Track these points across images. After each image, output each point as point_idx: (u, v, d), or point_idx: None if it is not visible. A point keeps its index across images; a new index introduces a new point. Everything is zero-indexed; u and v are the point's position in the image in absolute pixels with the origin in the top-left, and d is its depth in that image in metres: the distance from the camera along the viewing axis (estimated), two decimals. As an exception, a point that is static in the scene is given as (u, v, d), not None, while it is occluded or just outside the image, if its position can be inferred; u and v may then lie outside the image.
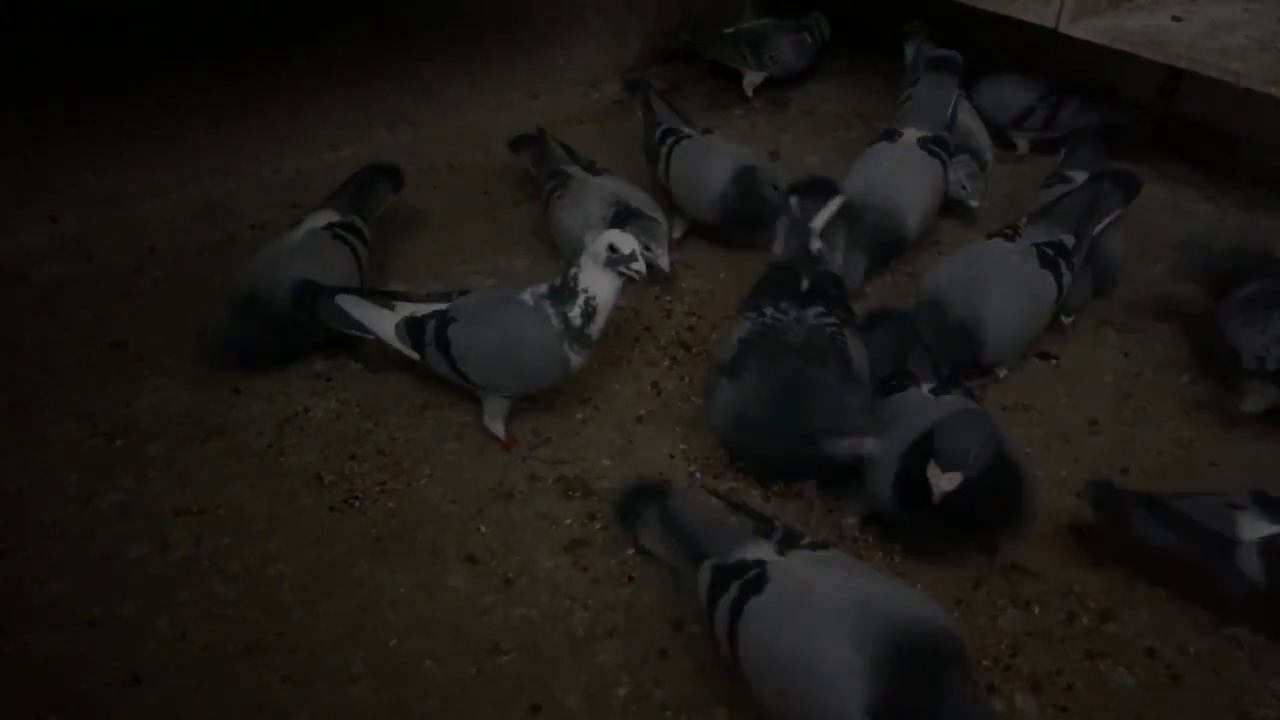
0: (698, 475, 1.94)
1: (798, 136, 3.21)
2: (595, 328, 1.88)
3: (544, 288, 1.90)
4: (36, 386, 2.10)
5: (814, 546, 1.54)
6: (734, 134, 3.16)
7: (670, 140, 2.65)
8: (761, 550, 1.51)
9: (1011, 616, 1.70)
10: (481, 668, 1.59)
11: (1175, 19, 2.73)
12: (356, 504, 1.86)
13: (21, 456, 1.93)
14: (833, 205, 2.18)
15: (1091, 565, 1.79)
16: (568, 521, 1.84)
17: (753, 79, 3.40)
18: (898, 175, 2.47)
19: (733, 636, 1.43)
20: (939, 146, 2.55)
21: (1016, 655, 1.63)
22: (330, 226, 2.22)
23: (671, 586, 1.72)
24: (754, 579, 1.44)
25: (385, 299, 2.03)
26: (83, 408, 2.04)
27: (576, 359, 1.90)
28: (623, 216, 2.31)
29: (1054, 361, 2.26)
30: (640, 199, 2.42)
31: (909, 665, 1.27)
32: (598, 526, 1.83)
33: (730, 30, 3.47)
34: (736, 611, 1.43)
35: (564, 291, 1.86)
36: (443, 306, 1.96)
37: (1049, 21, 2.69)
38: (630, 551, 1.79)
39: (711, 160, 2.53)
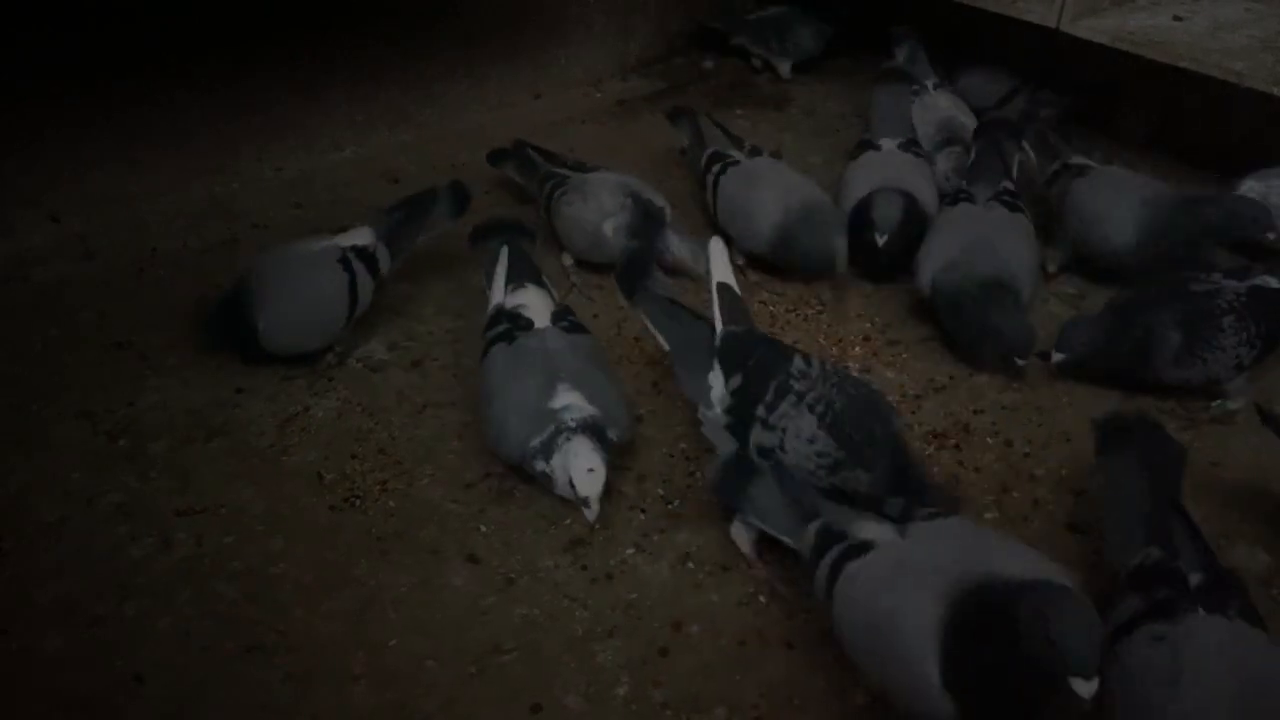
0: (698, 475, 1.94)
1: (799, 136, 3.21)
2: (545, 470, 1.78)
3: (584, 410, 1.79)
4: (38, 386, 2.11)
5: (932, 516, 1.54)
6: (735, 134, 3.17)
7: (716, 167, 2.61)
8: (878, 530, 1.51)
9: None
10: (482, 667, 1.60)
11: (1177, 19, 2.73)
12: (358, 503, 1.87)
13: (23, 456, 1.94)
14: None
15: (1092, 565, 1.79)
16: (568, 521, 1.84)
17: (783, 67, 3.53)
18: (902, 173, 2.53)
19: (830, 594, 1.49)
20: (917, 147, 2.68)
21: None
22: (348, 250, 2.17)
23: (672, 586, 1.73)
24: (859, 545, 1.49)
25: (526, 276, 2.06)
26: (84, 407, 2.05)
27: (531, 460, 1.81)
28: (642, 219, 2.40)
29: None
30: (643, 186, 2.49)
31: (980, 619, 1.29)
32: (597, 526, 1.84)
33: (753, 17, 3.58)
34: (836, 570, 1.48)
35: (562, 430, 1.76)
36: (536, 322, 1.96)
37: (1050, 21, 2.70)
38: (630, 551, 1.79)
39: (760, 194, 2.49)
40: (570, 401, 1.79)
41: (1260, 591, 1.75)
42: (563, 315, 2.00)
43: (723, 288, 1.89)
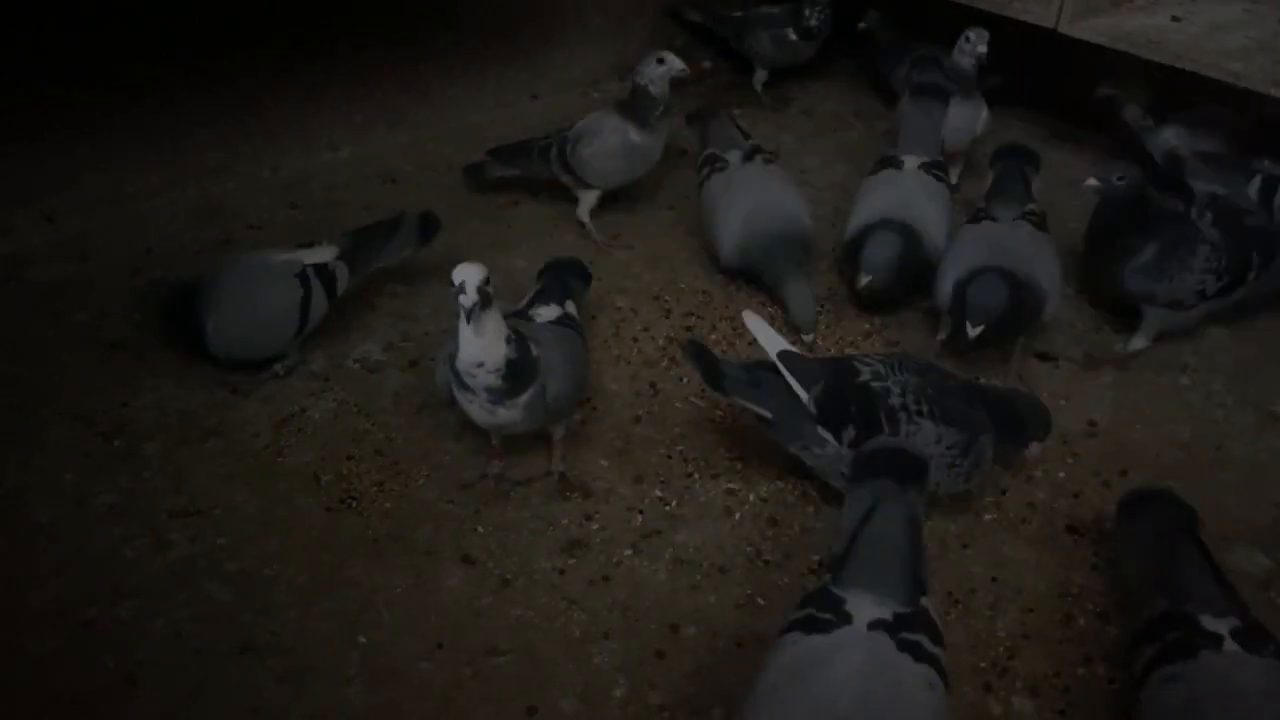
0: (696, 477, 1.94)
1: (798, 136, 3.20)
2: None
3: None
4: (33, 386, 2.10)
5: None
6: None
7: (705, 170, 2.57)
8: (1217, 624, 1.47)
9: (1010, 619, 1.69)
10: (477, 669, 1.59)
11: (1175, 19, 2.73)
12: (354, 504, 1.86)
13: (18, 456, 1.93)
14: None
15: (1090, 567, 1.79)
16: (565, 522, 1.84)
17: (759, 75, 3.40)
18: (915, 200, 2.39)
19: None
20: (940, 171, 2.51)
21: (1014, 658, 1.63)
22: (303, 267, 2.12)
23: (669, 588, 1.72)
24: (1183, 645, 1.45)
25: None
26: (80, 407, 2.04)
27: None
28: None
29: (1054, 362, 2.26)
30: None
31: None
32: (595, 527, 1.83)
33: (737, 14, 3.46)
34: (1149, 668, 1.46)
35: None
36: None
37: (1049, 22, 2.70)
38: (628, 552, 1.78)
39: (726, 209, 2.44)
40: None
41: (1259, 595, 1.75)
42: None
43: (784, 355, 1.87)
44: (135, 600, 1.67)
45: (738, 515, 1.86)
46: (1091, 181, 2.24)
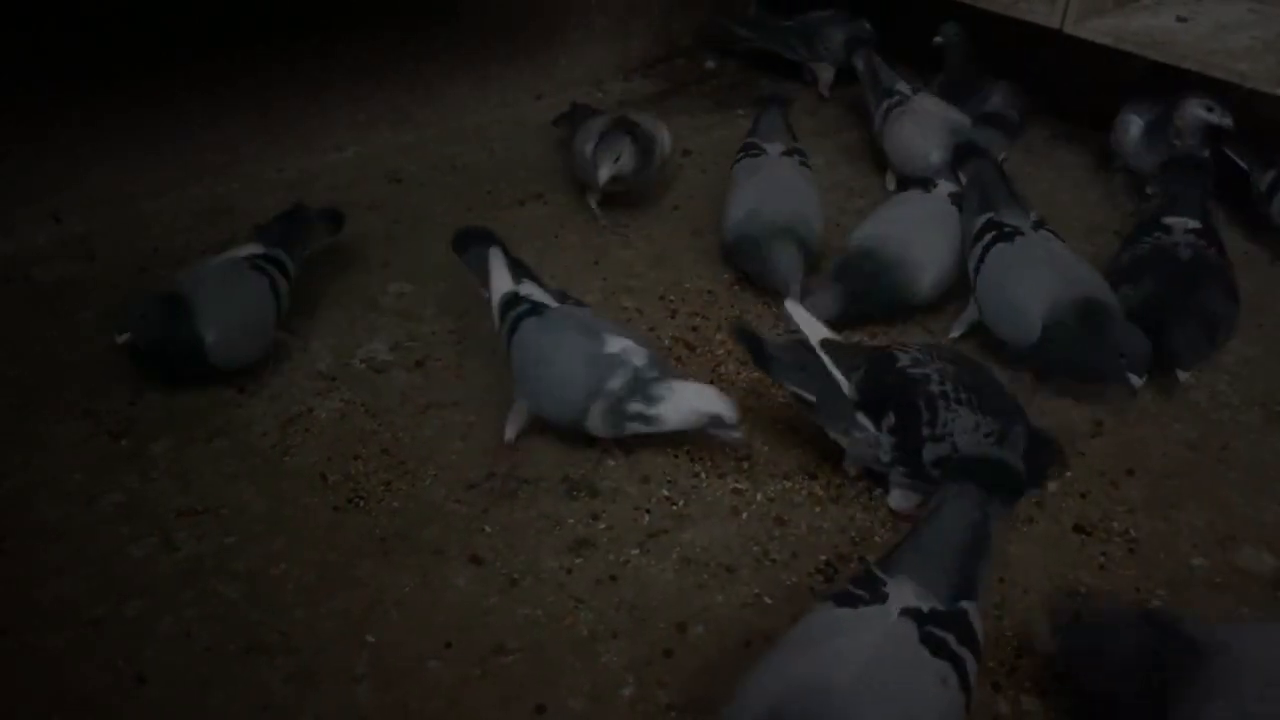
0: (703, 476, 1.94)
1: (801, 136, 3.18)
2: (631, 424, 1.85)
3: (641, 354, 1.86)
4: (39, 385, 2.10)
5: None
6: (737, 135, 3.16)
7: (740, 155, 2.62)
8: None
9: (1017, 618, 1.69)
10: (485, 668, 1.59)
11: (1180, 19, 2.74)
12: (361, 504, 1.86)
13: (24, 456, 1.93)
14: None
15: (1098, 567, 1.79)
16: (571, 521, 1.84)
17: (825, 77, 3.42)
18: (919, 228, 2.34)
19: None
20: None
21: (1022, 656, 1.63)
22: (251, 258, 2.15)
23: (676, 587, 1.72)
24: None
25: (520, 272, 2.06)
26: (86, 407, 2.04)
27: (596, 422, 1.87)
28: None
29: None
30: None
31: None
32: (602, 526, 1.83)
33: (788, 23, 3.49)
34: None
35: (649, 379, 1.83)
36: (548, 304, 1.98)
37: (1054, 22, 2.70)
38: (635, 552, 1.78)
39: (734, 197, 2.48)
40: (624, 346, 1.86)
41: (1267, 595, 1.75)
42: (565, 298, 2.04)
43: (826, 344, 1.89)
44: (143, 599, 1.67)
45: (744, 515, 1.86)
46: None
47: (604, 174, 2.49)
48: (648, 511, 1.86)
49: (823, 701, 1.26)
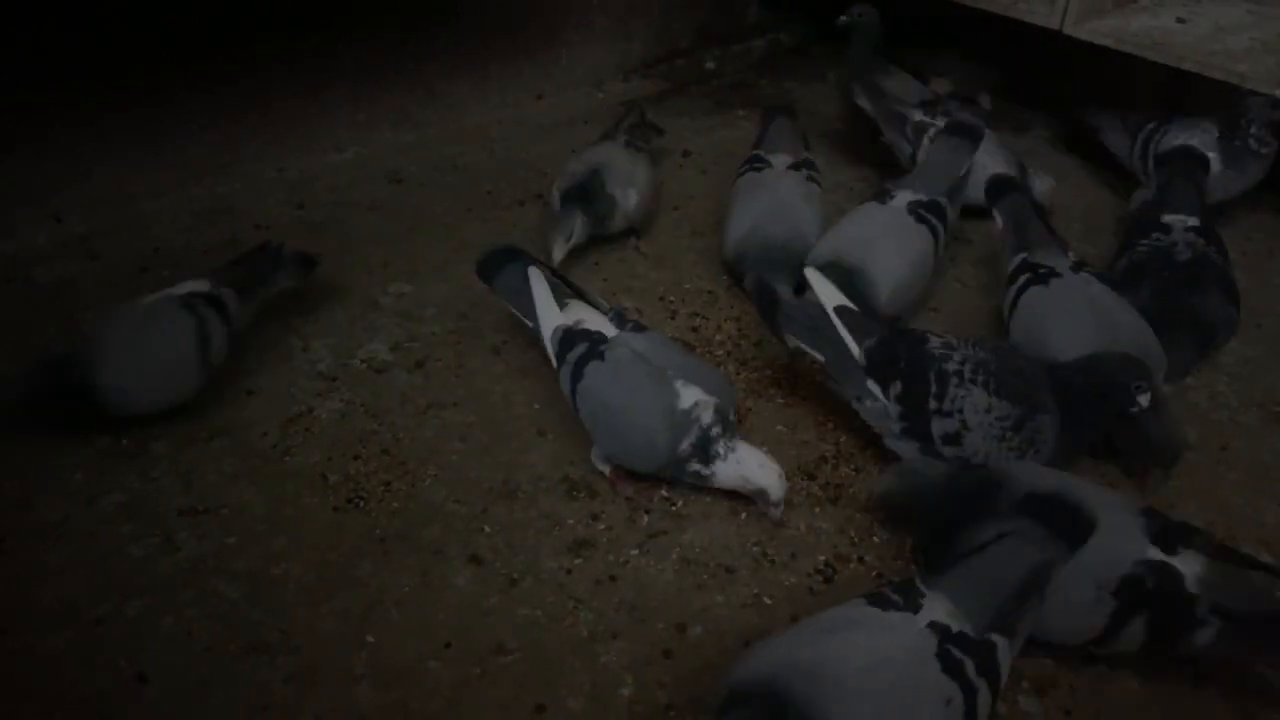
0: (701, 476, 1.94)
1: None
2: (703, 470, 1.81)
3: (709, 408, 1.80)
4: (41, 386, 2.10)
5: None
6: (738, 135, 3.18)
7: (744, 168, 2.58)
8: None
9: (1015, 618, 1.69)
10: (485, 668, 1.59)
11: (1179, 20, 2.74)
12: (361, 504, 1.86)
13: (25, 455, 1.93)
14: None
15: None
16: (571, 522, 1.84)
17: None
18: (876, 240, 2.24)
19: None
20: (931, 212, 2.30)
21: (1021, 657, 1.63)
22: (188, 296, 2.02)
23: (676, 588, 1.72)
24: None
25: (564, 293, 2.02)
26: (87, 407, 2.04)
27: (665, 471, 1.86)
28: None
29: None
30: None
31: None
32: (601, 527, 1.83)
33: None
34: None
35: (712, 438, 1.80)
36: (605, 333, 1.92)
37: (1054, 23, 2.70)
38: (634, 552, 1.79)
39: (737, 209, 2.46)
40: (696, 398, 1.81)
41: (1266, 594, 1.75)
42: (621, 319, 1.98)
43: (840, 310, 1.93)
44: (144, 599, 1.67)
45: (744, 515, 1.87)
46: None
47: (558, 254, 2.41)
48: (647, 512, 1.87)
49: (819, 683, 1.27)
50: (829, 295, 1.95)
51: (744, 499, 1.88)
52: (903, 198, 2.34)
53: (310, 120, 2.95)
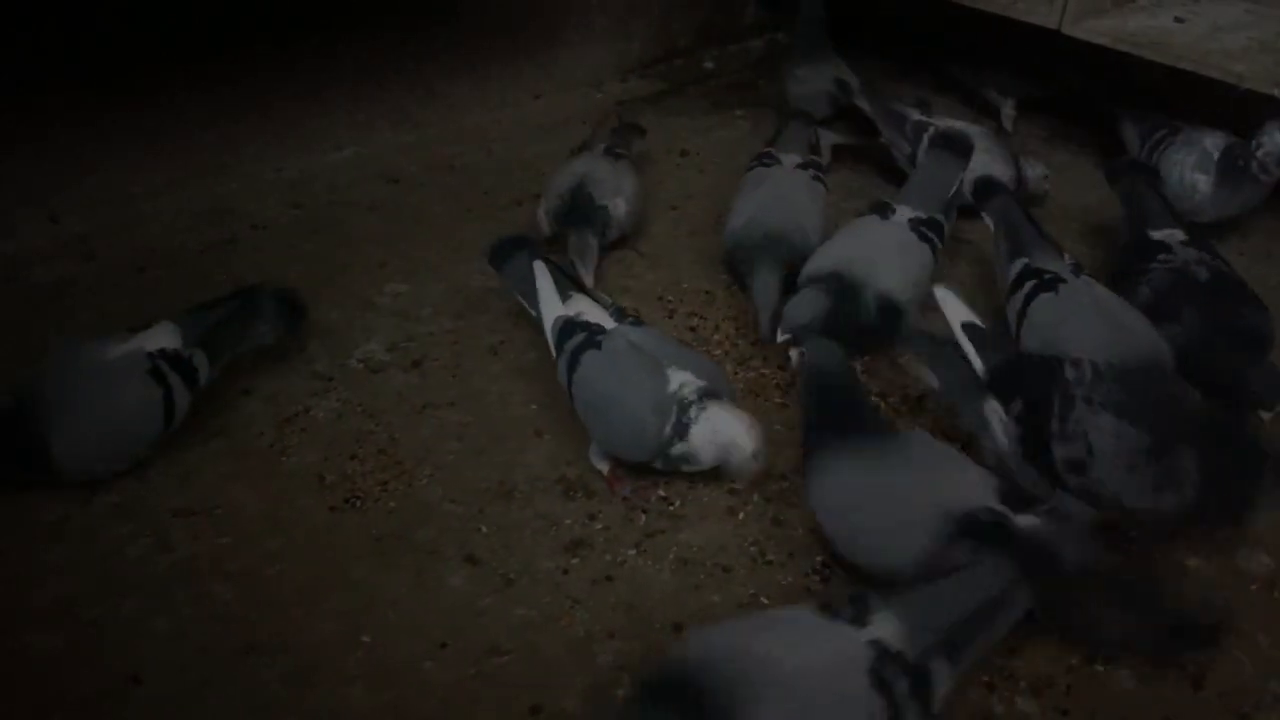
0: (699, 476, 1.93)
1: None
2: (683, 447, 1.80)
3: (692, 386, 1.80)
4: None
5: None
6: (735, 135, 3.18)
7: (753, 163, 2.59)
8: None
9: (1012, 618, 1.69)
10: (481, 668, 1.59)
11: (1177, 20, 2.74)
12: (357, 504, 1.86)
13: (22, 455, 1.93)
14: None
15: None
16: (568, 522, 1.84)
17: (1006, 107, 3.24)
18: (881, 254, 2.20)
19: None
20: (932, 230, 2.28)
21: (1016, 656, 1.63)
22: (156, 355, 1.88)
23: (673, 588, 1.72)
24: None
25: (568, 286, 2.05)
26: (84, 407, 2.04)
27: (658, 463, 1.85)
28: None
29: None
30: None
31: None
32: (598, 527, 1.83)
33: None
34: None
35: (687, 406, 1.79)
36: (604, 325, 1.95)
37: (1052, 23, 2.70)
38: (631, 552, 1.78)
39: (736, 204, 2.46)
40: (683, 379, 1.82)
41: (1263, 595, 1.75)
42: (621, 314, 2.00)
43: (968, 327, 1.91)
44: (139, 599, 1.67)
45: (741, 515, 1.87)
46: None
47: (591, 280, 2.35)
48: (644, 512, 1.86)
49: (745, 679, 1.27)
50: (956, 312, 1.93)
51: (742, 499, 1.88)
52: (903, 213, 2.29)
53: (309, 120, 2.95)
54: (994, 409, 1.81)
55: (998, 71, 3.24)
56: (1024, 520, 1.57)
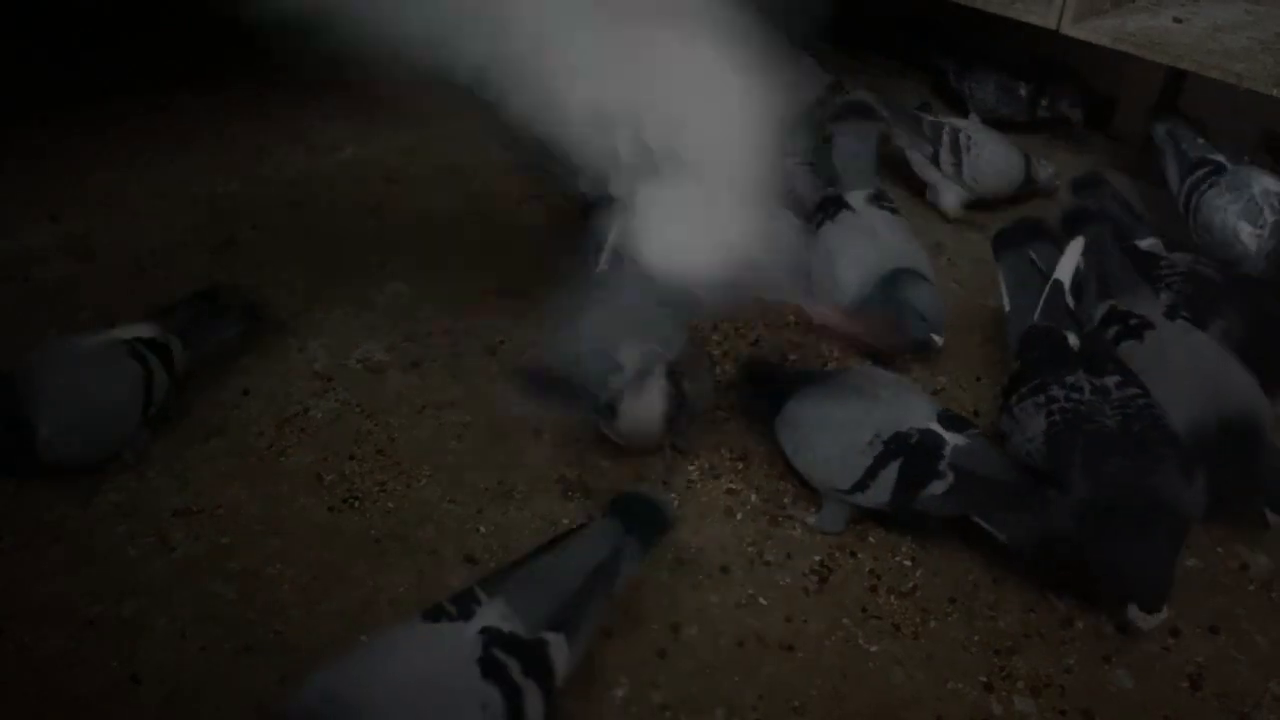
0: (697, 477, 1.94)
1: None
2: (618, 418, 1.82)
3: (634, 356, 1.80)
4: (37, 386, 2.10)
5: None
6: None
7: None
8: None
9: (1010, 617, 1.69)
10: (479, 668, 1.59)
11: (1177, 20, 2.73)
12: (356, 504, 1.86)
13: (22, 455, 1.93)
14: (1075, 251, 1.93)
15: (1091, 567, 1.79)
16: (566, 522, 1.84)
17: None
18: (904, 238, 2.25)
19: None
20: (887, 201, 2.34)
21: (1015, 656, 1.63)
22: (134, 341, 1.93)
23: (670, 588, 1.72)
24: None
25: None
26: (83, 407, 2.04)
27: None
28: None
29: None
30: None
31: None
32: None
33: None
34: None
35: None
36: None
37: (1050, 23, 2.70)
38: (629, 552, 1.79)
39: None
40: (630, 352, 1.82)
41: (1260, 595, 1.75)
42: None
43: (1055, 283, 1.90)
44: (139, 599, 1.67)
45: (739, 515, 1.87)
46: None
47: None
48: (643, 512, 1.86)
49: (348, 709, 1.23)
50: (1063, 267, 1.91)
51: (741, 498, 1.88)
52: (857, 197, 2.33)
53: (309, 120, 2.95)
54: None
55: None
56: (956, 439, 1.73)
